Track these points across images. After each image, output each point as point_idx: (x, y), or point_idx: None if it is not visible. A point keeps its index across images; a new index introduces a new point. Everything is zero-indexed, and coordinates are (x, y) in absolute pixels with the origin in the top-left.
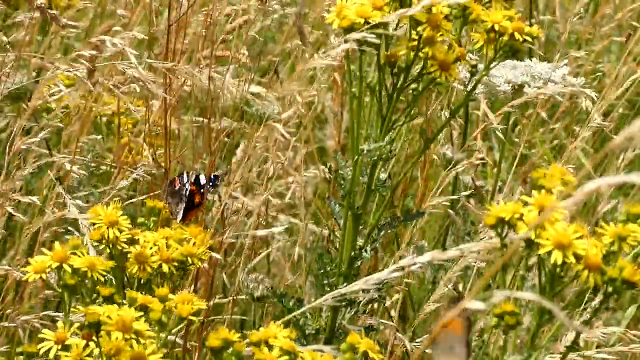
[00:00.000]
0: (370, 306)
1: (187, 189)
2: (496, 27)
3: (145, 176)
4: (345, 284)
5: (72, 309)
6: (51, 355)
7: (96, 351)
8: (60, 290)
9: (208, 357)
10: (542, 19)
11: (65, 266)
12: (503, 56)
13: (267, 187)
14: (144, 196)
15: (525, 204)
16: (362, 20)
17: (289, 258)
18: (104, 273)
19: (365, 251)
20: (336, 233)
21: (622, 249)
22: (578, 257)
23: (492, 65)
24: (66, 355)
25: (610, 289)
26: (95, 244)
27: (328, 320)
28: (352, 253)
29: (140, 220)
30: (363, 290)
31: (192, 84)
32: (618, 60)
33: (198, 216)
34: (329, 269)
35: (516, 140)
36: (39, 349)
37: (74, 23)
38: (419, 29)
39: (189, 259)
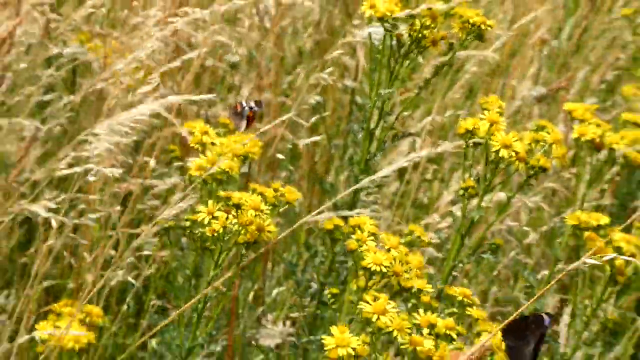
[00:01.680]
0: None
1: (246, 112)
2: (471, 20)
3: None
4: (364, 175)
5: (218, 194)
6: (206, 221)
7: (233, 221)
8: (211, 181)
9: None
10: None
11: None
12: (472, 39)
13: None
14: None
15: (481, 119)
16: (389, 13)
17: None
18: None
19: (376, 155)
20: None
21: (536, 147)
22: (516, 153)
23: (464, 44)
24: (215, 222)
25: (531, 172)
26: (193, 144)
27: (350, 197)
28: (367, 156)
29: (215, 130)
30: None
31: None
32: None
33: (251, 128)
34: (355, 168)
35: None
36: (198, 219)
37: None
38: (422, 20)
39: (250, 155)
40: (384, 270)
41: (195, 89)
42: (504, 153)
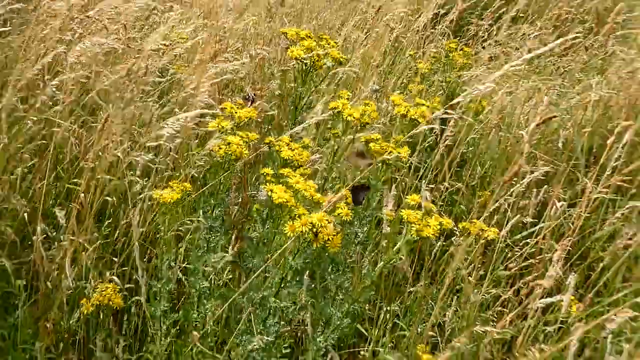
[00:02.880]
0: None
1: (250, 97)
2: (336, 56)
3: None
4: (295, 120)
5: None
6: (217, 149)
7: (229, 149)
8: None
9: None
10: None
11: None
12: (337, 65)
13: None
14: None
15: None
16: (298, 55)
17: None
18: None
19: (301, 112)
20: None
21: (366, 113)
22: (355, 118)
23: (335, 67)
24: (220, 150)
25: (361, 125)
26: (226, 113)
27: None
28: (296, 115)
29: (232, 105)
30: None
31: None
32: None
33: (254, 105)
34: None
35: None
36: (213, 149)
37: None
38: (314, 58)
39: (252, 118)
40: (291, 158)
41: (225, 89)
42: (349, 118)
